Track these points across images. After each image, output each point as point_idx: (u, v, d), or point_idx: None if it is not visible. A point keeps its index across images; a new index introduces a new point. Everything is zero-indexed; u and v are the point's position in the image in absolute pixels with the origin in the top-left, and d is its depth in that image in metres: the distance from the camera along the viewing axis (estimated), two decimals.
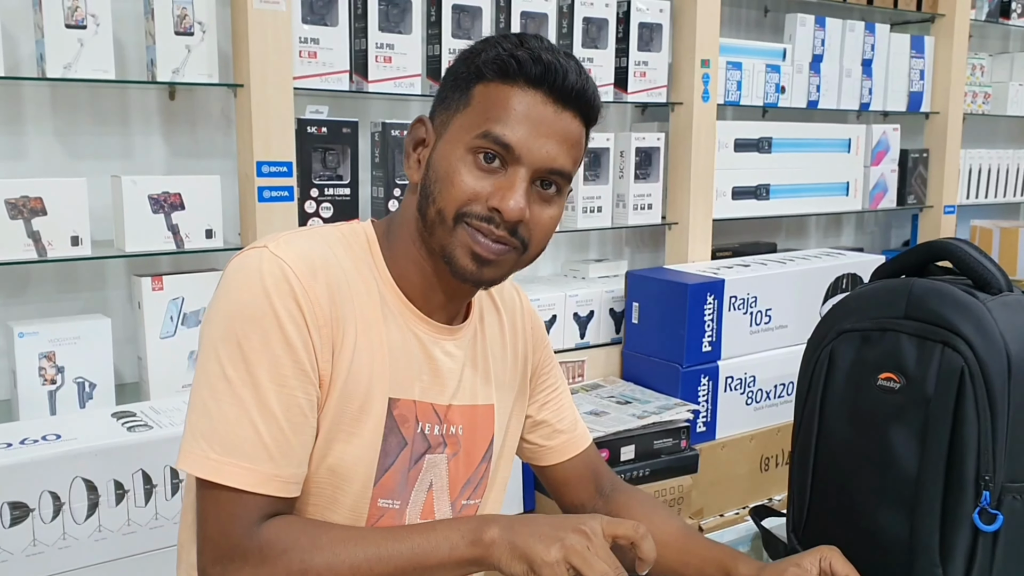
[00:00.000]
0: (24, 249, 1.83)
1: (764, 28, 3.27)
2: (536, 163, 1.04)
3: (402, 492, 1.10)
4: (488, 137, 1.02)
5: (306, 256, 1.03)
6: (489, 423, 1.19)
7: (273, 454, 0.99)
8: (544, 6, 2.47)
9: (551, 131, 1.04)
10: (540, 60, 1.03)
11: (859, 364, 1.09)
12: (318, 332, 1.01)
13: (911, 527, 1.03)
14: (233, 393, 0.99)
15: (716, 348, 2.57)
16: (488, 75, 1.04)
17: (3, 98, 1.99)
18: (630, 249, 3.07)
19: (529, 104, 1.03)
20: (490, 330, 1.22)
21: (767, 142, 3.00)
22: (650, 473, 2.34)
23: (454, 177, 1.03)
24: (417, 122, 1.11)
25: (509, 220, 1.03)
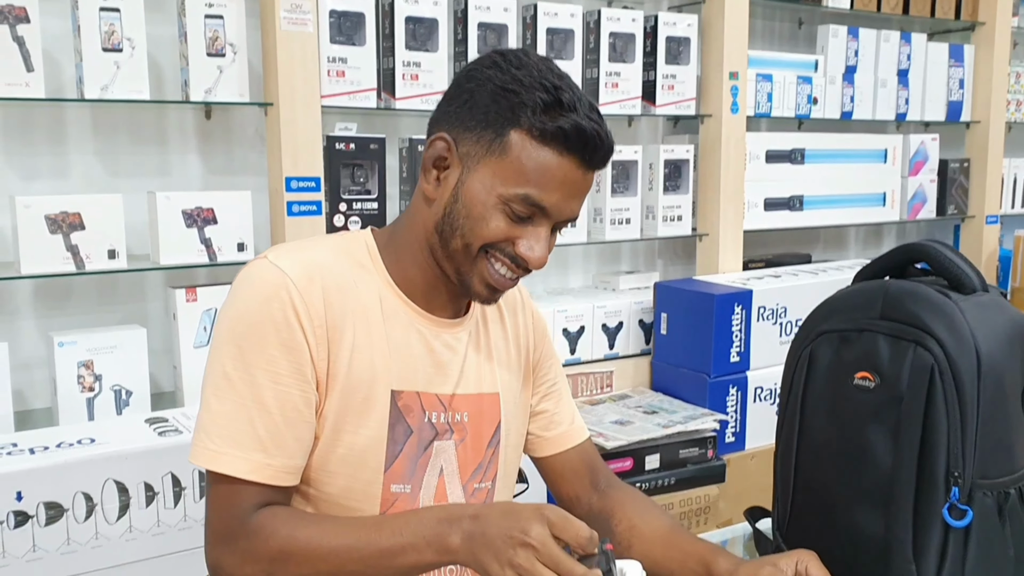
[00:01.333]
0: (63, 262, 1.93)
1: (798, 40, 3.27)
2: (561, 219, 1.13)
3: (413, 477, 1.16)
4: (528, 201, 1.09)
5: (303, 263, 1.11)
6: (495, 410, 1.25)
7: (266, 445, 1.07)
8: (570, 22, 2.51)
9: (579, 192, 1.12)
10: (583, 132, 1.08)
11: (837, 364, 1.10)
12: (313, 333, 1.09)
13: (886, 524, 1.04)
14: (233, 390, 1.07)
15: (745, 358, 2.57)
16: (529, 127, 1.08)
17: (47, 119, 2.09)
18: (662, 261, 3.09)
19: (566, 171, 1.09)
20: (493, 322, 1.29)
21: (800, 153, 3.00)
22: (675, 482, 2.35)
23: (488, 221, 1.10)
24: (439, 140, 1.13)
25: (537, 268, 1.13)
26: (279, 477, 1.08)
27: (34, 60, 1.88)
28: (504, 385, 1.27)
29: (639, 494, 1.36)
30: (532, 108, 1.08)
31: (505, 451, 1.26)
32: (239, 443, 1.07)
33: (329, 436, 1.11)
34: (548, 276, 2.85)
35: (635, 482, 2.28)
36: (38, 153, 2.09)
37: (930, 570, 1.02)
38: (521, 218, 1.10)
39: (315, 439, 1.12)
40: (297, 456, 1.10)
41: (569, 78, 1.12)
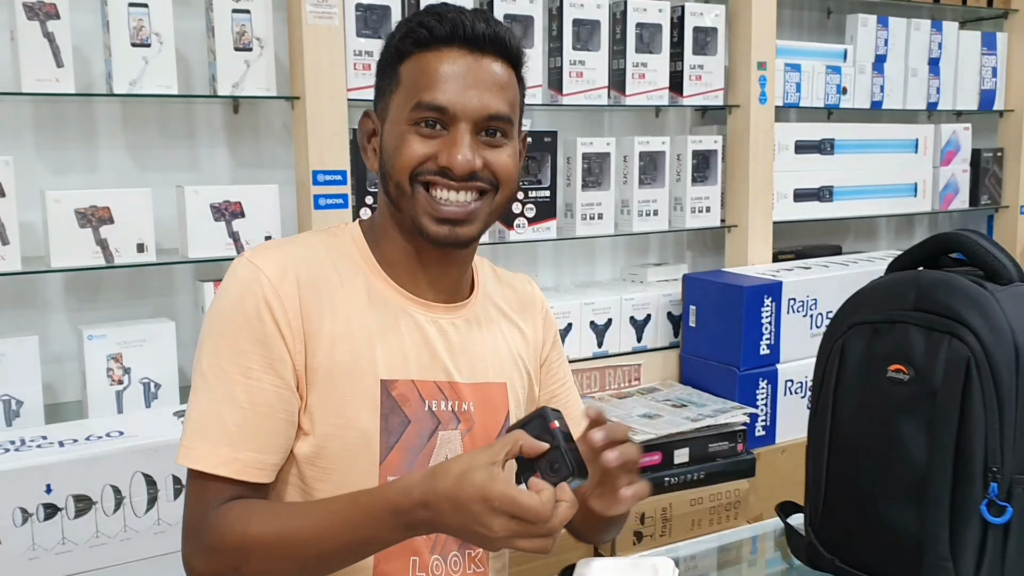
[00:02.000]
0: (93, 256, 1.94)
1: (827, 30, 3.23)
2: (472, 115, 1.09)
3: (412, 468, 1.13)
4: (421, 106, 1.08)
5: (279, 259, 1.11)
6: (503, 401, 1.22)
7: (234, 438, 1.06)
8: (596, 13, 2.50)
9: (476, 80, 1.09)
10: (445, 19, 1.09)
11: (869, 356, 1.09)
12: (288, 326, 1.08)
13: (921, 520, 1.02)
14: (207, 386, 1.08)
15: (775, 351, 2.55)
16: (407, 51, 1.11)
17: (77, 115, 2.11)
18: (691, 253, 3.07)
19: (448, 62, 1.08)
20: (502, 314, 1.27)
21: (829, 143, 2.96)
22: (705, 477, 2.33)
23: (401, 148, 1.10)
24: (364, 117, 1.18)
25: (460, 173, 1.09)
26: (247, 472, 1.07)
27: (64, 56, 1.90)
28: (512, 376, 1.25)
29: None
30: (404, 32, 1.11)
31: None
32: (208, 437, 1.07)
33: (318, 430, 1.10)
34: (575, 268, 2.84)
35: (664, 476, 2.27)
36: (68, 148, 2.10)
37: (968, 568, 1.00)
38: (431, 127, 1.09)
39: (304, 434, 1.10)
40: (268, 451, 1.08)
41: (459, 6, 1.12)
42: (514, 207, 2.40)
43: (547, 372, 1.34)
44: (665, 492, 2.27)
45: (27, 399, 1.93)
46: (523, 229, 2.43)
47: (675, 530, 2.27)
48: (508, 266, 2.65)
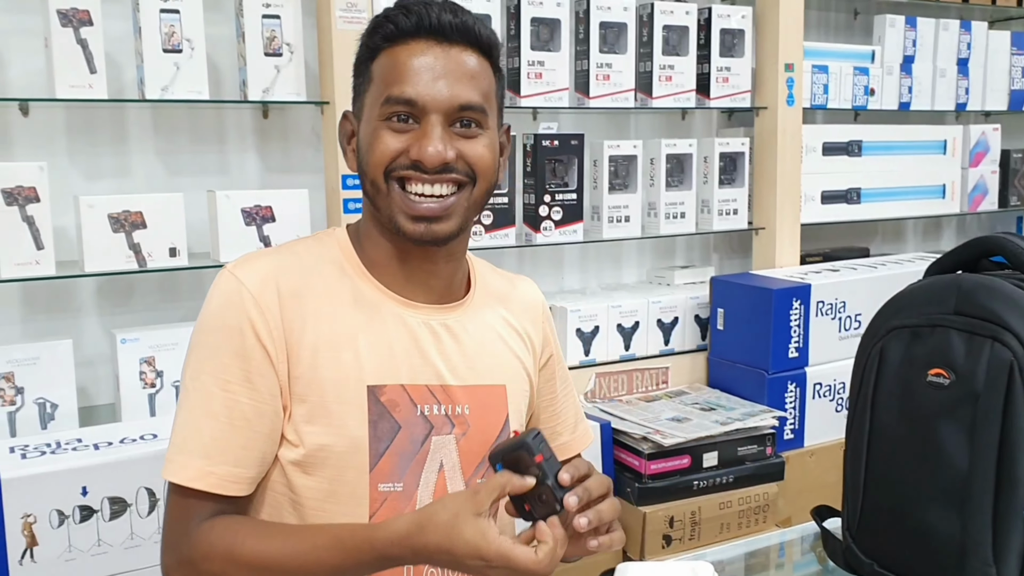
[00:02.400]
0: (126, 260, 1.96)
1: (854, 31, 3.22)
2: (442, 106, 1.08)
3: (405, 475, 1.12)
4: (391, 100, 1.07)
5: (260, 270, 1.10)
6: (502, 403, 1.20)
7: (210, 452, 1.06)
8: (623, 16, 2.50)
9: (444, 71, 1.08)
10: (411, 11, 1.08)
11: (909, 360, 1.08)
12: (270, 337, 1.07)
13: (963, 525, 1.02)
14: (188, 399, 1.08)
15: (803, 354, 2.54)
16: (377, 47, 1.10)
17: (109, 120, 2.13)
18: (718, 255, 3.06)
19: (415, 55, 1.08)
20: (498, 313, 1.24)
21: (857, 145, 2.95)
22: (734, 480, 2.33)
23: (374, 145, 1.09)
24: (342, 119, 1.17)
25: (432, 165, 1.07)
26: (223, 486, 1.06)
27: (97, 62, 1.91)
28: (510, 378, 1.22)
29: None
30: (372, 31, 1.11)
31: None
32: (186, 450, 1.06)
33: (306, 440, 1.09)
34: (602, 271, 2.84)
35: (693, 480, 2.26)
36: (101, 153, 2.12)
37: (1012, 574, 0.99)
38: (402, 121, 1.08)
39: (291, 444, 1.09)
40: (244, 465, 1.07)
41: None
42: (541, 210, 2.41)
43: (546, 377, 1.32)
44: (694, 496, 2.27)
45: (61, 402, 1.95)
46: (550, 232, 2.44)
47: (704, 534, 2.27)
48: (535, 269, 2.70)
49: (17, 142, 2.04)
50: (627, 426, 2.28)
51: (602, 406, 2.43)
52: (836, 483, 2.53)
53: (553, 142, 2.42)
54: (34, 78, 1.99)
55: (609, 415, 2.35)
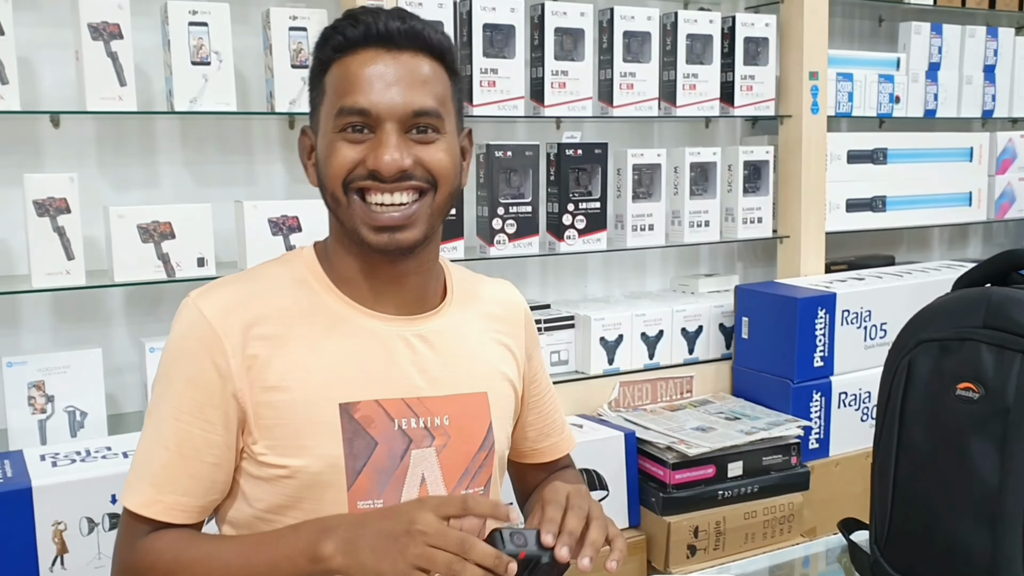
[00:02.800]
0: (154, 270, 1.98)
1: (879, 38, 3.20)
2: (396, 114, 1.07)
3: (385, 491, 1.11)
4: (344, 112, 1.07)
5: (221, 299, 1.11)
6: (483, 411, 1.19)
7: (159, 480, 1.09)
8: (647, 25, 2.50)
9: (395, 78, 1.07)
10: (358, 20, 1.07)
11: (938, 374, 1.08)
12: (227, 367, 1.07)
13: (993, 540, 1.01)
14: (146, 425, 1.12)
15: (829, 363, 2.53)
16: (328, 59, 1.10)
17: (138, 131, 2.15)
18: (742, 264, 3.06)
19: (365, 64, 1.07)
20: (477, 319, 1.23)
21: (882, 153, 2.94)
22: (759, 490, 2.32)
23: (331, 158, 1.08)
24: (301, 134, 1.16)
25: (389, 174, 1.06)
26: (170, 514, 1.08)
27: (127, 74, 1.94)
28: (492, 385, 1.21)
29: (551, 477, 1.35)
30: (322, 43, 1.10)
31: (498, 455, 1.21)
32: (139, 476, 1.10)
33: (282, 464, 1.09)
34: (625, 279, 2.84)
35: (717, 490, 2.26)
36: (130, 164, 2.15)
37: None
38: (357, 131, 1.07)
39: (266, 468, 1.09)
40: (191, 495, 1.09)
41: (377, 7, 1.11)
42: (564, 219, 2.41)
43: (530, 378, 1.31)
44: (718, 505, 2.26)
45: (91, 410, 1.97)
46: (573, 241, 2.44)
47: (728, 543, 2.26)
48: (558, 278, 2.70)
49: (48, 154, 2.07)
50: (651, 435, 2.28)
51: (626, 415, 2.43)
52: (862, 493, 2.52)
53: (576, 151, 2.43)
54: (65, 90, 2.02)
55: (633, 424, 2.35)
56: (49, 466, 1.76)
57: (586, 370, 2.49)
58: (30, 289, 1.90)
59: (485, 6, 2.27)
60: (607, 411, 2.46)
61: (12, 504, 1.64)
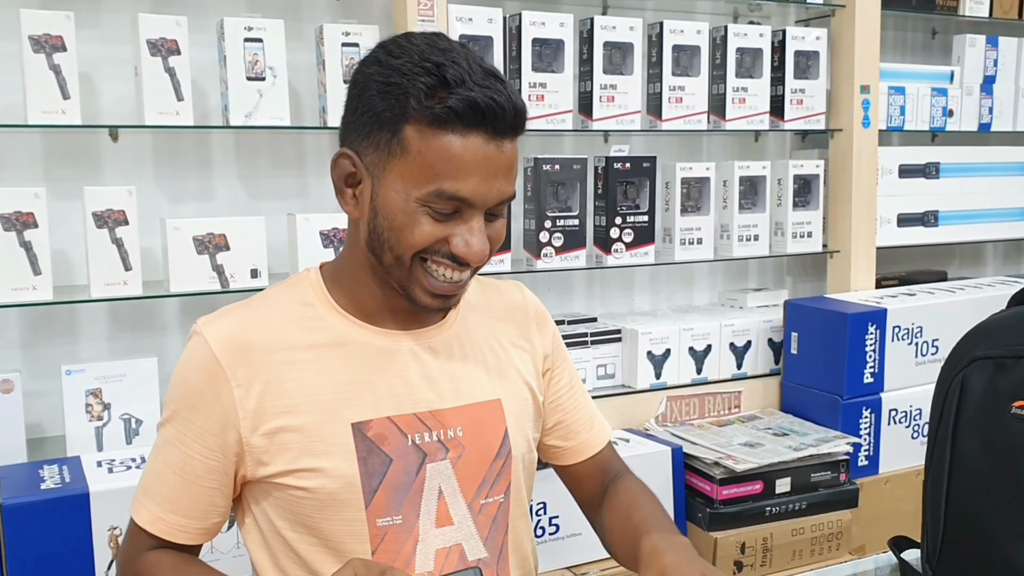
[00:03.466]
0: (209, 281, 2.02)
1: (932, 51, 3.17)
2: (490, 203, 1.06)
3: (403, 507, 1.11)
4: (443, 196, 1.03)
5: (225, 327, 1.12)
6: (498, 418, 1.18)
7: (163, 500, 1.13)
8: (696, 39, 2.50)
9: (498, 169, 1.04)
10: (475, 105, 1.01)
11: (992, 392, 1.07)
12: (230, 395, 1.09)
13: None
14: (157, 444, 1.15)
15: (879, 380, 2.50)
16: (418, 121, 1.02)
17: (194, 145, 2.20)
18: (792, 278, 3.03)
19: (474, 151, 1.02)
20: (487, 324, 1.23)
21: (934, 167, 2.90)
22: (807, 507, 2.30)
23: (412, 228, 1.04)
24: (341, 157, 1.10)
25: (475, 264, 1.07)
26: (172, 533, 1.13)
27: (184, 90, 1.98)
28: (507, 390, 1.20)
29: (619, 492, 1.29)
30: (417, 96, 1.01)
31: (518, 459, 1.20)
32: (147, 493, 1.14)
33: (298, 485, 1.09)
34: (672, 293, 2.84)
35: (765, 506, 2.24)
36: (186, 177, 2.20)
37: None
38: (446, 215, 1.04)
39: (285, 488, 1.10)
40: (192, 516, 1.13)
41: (460, 50, 1.04)
42: (612, 232, 2.42)
43: (551, 379, 1.30)
44: (766, 522, 2.24)
45: (146, 418, 2.01)
46: (621, 254, 2.44)
47: (776, 560, 2.24)
48: (604, 291, 2.71)
49: (107, 167, 2.12)
50: (698, 451, 2.27)
51: (673, 430, 2.43)
52: (912, 512, 2.50)
53: (625, 164, 2.43)
54: (124, 105, 2.07)
55: (680, 439, 2.35)
56: (105, 472, 1.80)
57: (633, 384, 2.48)
58: (89, 299, 1.95)
59: (535, 21, 2.29)
60: (654, 426, 2.45)
61: (70, 509, 1.68)
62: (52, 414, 2.06)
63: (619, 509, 1.25)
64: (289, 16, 2.14)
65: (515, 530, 1.21)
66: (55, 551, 1.68)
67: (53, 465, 1.84)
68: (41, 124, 1.90)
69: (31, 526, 1.65)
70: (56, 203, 1.98)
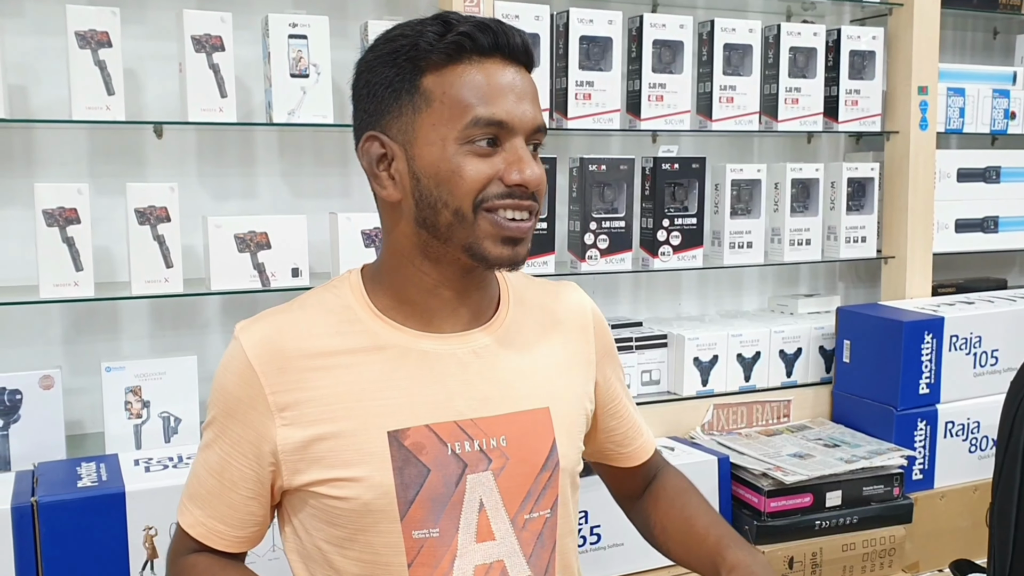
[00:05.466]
0: (250, 279, 2.00)
1: (994, 51, 3.07)
2: (526, 127, 1.05)
3: (440, 520, 1.07)
4: (480, 123, 1.02)
5: (263, 332, 1.10)
6: (545, 428, 1.13)
7: (204, 504, 1.13)
8: (748, 38, 2.44)
9: (523, 92, 1.05)
10: (483, 27, 1.03)
11: None
12: (264, 401, 1.07)
13: None
14: (200, 448, 1.15)
15: (935, 391, 2.41)
16: (435, 63, 1.03)
17: (238, 143, 2.18)
18: (844, 284, 2.95)
19: (496, 75, 1.03)
20: (538, 327, 1.18)
21: (994, 171, 2.81)
22: (858, 521, 2.22)
23: (462, 171, 1.03)
24: (367, 140, 1.09)
25: (535, 188, 1.04)
26: (210, 538, 1.13)
27: (228, 86, 1.96)
28: (557, 398, 1.15)
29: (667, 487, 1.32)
30: (426, 45, 1.03)
31: (566, 473, 1.15)
32: (190, 496, 1.15)
33: (333, 495, 1.06)
34: (721, 298, 2.77)
35: (815, 519, 2.17)
36: (228, 175, 2.18)
37: None
38: (490, 145, 1.03)
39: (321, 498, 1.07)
40: (229, 523, 1.12)
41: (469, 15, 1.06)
42: (659, 235, 2.36)
43: (607, 385, 1.27)
44: (816, 536, 2.17)
45: (185, 416, 2.00)
46: (668, 257, 2.39)
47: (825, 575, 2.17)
48: (650, 295, 2.65)
49: (151, 163, 2.11)
50: (746, 461, 2.21)
51: (720, 439, 2.36)
52: (970, 528, 2.41)
53: (673, 165, 2.37)
54: (168, 101, 2.06)
55: (727, 449, 2.28)
56: (142, 471, 1.78)
57: (679, 391, 2.42)
58: (130, 296, 1.94)
59: (583, 18, 2.24)
60: (700, 434, 2.39)
61: (106, 508, 1.67)
62: (92, 411, 2.06)
63: (673, 508, 1.28)
64: (334, 13, 2.11)
65: (563, 548, 1.16)
66: (90, 549, 1.66)
67: (91, 463, 1.83)
68: (86, 120, 1.89)
69: (67, 524, 1.64)
70: (99, 199, 1.97)
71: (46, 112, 1.99)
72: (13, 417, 1.87)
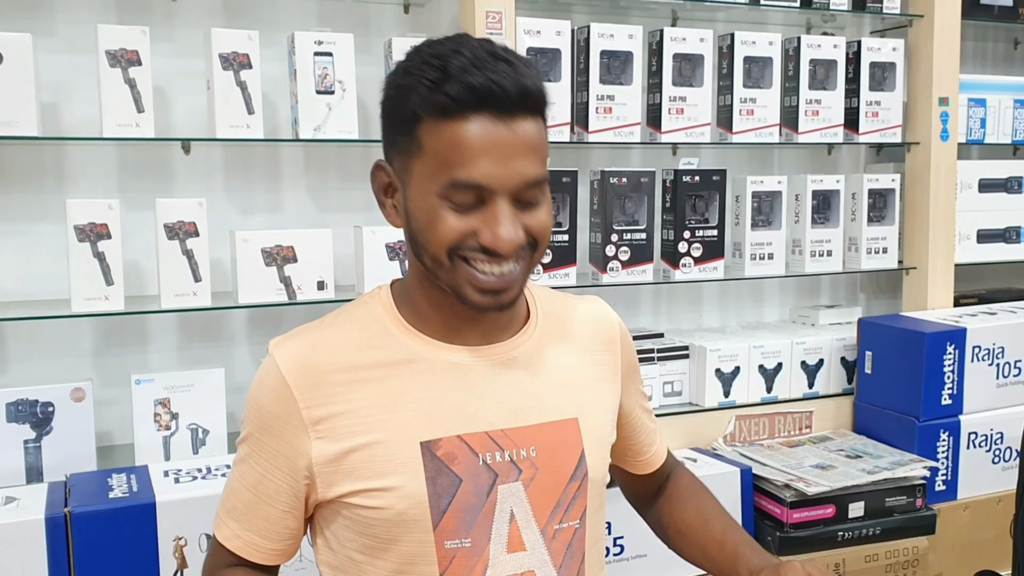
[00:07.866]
0: (276, 293, 2.03)
1: (1015, 62, 3.07)
2: (510, 187, 1.02)
3: (472, 530, 1.08)
4: (455, 185, 1.01)
5: (296, 348, 1.11)
6: (574, 438, 1.14)
7: (240, 517, 1.14)
8: (768, 50, 2.45)
9: (511, 149, 1.01)
10: (473, 88, 0.99)
11: None
12: (298, 417, 1.08)
13: None
14: (236, 461, 1.17)
15: (958, 402, 2.41)
16: (426, 116, 1.02)
17: (264, 158, 2.22)
18: (865, 295, 2.95)
19: (479, 134, 1.00)
20: (566, 340, 1.19)
21: (1016, 182, 2.80)
22: (881, 532, 2.22)
23: (436, 224, 1.03)
24: (377, 169, 1.12)
25: (506, 253, 1.03)
26: (246, 551, 1.14)
27: (255, 103, 2.00)
28: (586, 409, 1.17)
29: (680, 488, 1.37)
30: (421, 92, 1.01)
31: (594, 484, 1.17)
32: (226, 509, 1.16)
33: (367, 505, 1.08)
34: (742, 309, 2.78)
35: (837, 531, 2.17)
36: (255, 190, 2.21)
37: None
38: (467, 206, 1.02)
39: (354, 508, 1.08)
40: (265, 536, 1.13)
41: (474, 42, 1.02)
42: (680, 247, 2.37)
43: (629, 396, 1.28)
44: (838, 547, 2.17)
45: (213, 428, 2.02)
46: (689, 269, 2.40)
47: None
48: (671, 307, 2.66)
49: (179, 179, 2.14)
50: (768, 472, 2.21)
51: (742, 450, 2.37)
52: (993, 540, 2.40)
53: (694, 177, 2.39)
54: (196, 118, 2.09)
55: (750, 460, 2.29)
56: (172, 482, 1.81)
57: (700, 402, 2.43)
58: (159, 309, 1.97)
59: (603, 33, 2.26)
60: (722, 445, 2.40)
61: (137, 518, 1.70)
62: (122, 423, 2.09)
63: (687, 509, 1.33)
64: (358, 30, 2.14)
65: (591, 559, 1.18)
66: (122, 559, 1.69)
67: (122, 474, 1.86)
68: (116, 137, 1.93)
69: (99, 534, 1.67)
70: (129, 214, 2.01)
71: (77, 129, 2.03)
72: (46, 429, 1.91)
